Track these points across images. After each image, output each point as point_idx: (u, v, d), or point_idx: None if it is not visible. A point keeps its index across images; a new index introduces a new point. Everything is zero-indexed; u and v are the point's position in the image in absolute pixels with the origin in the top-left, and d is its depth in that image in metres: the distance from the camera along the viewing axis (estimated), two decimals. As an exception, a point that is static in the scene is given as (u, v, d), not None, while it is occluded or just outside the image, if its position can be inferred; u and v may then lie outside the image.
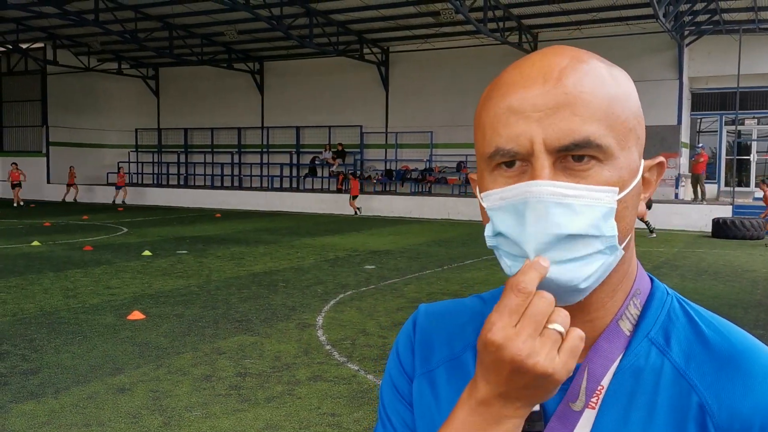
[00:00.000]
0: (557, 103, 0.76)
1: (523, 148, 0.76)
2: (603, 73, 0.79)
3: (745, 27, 22.37)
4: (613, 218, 0.76)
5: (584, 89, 0.76)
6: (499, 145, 0.78)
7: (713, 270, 12.64)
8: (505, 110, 0.78)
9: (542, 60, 0.79)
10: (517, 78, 0.79)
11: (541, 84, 0.77)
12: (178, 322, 7.99)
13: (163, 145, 35.88)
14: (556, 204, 0.74)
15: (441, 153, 28.52)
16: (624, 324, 0.84)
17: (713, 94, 25.69)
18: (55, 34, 30.24)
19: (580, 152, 0.75)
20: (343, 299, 9.48)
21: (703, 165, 22.45)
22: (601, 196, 0.76)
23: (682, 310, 0.86)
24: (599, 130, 0.76)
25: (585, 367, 0.82)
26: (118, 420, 4.97)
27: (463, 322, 0.96)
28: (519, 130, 0.77)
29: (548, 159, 0.75)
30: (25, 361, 6.42)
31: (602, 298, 0.83)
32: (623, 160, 0.78)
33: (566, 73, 0.77)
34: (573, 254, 0.75)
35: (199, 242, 16.13)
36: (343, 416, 5.11)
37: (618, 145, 0.77)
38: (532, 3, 22.49)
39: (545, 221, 0.74)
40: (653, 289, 0.88)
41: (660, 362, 0.82)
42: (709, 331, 0.83)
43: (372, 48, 28.77)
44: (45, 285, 10.33)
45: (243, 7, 21.39)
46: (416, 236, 18.32)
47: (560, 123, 0.75)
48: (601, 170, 0.76)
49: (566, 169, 0.76)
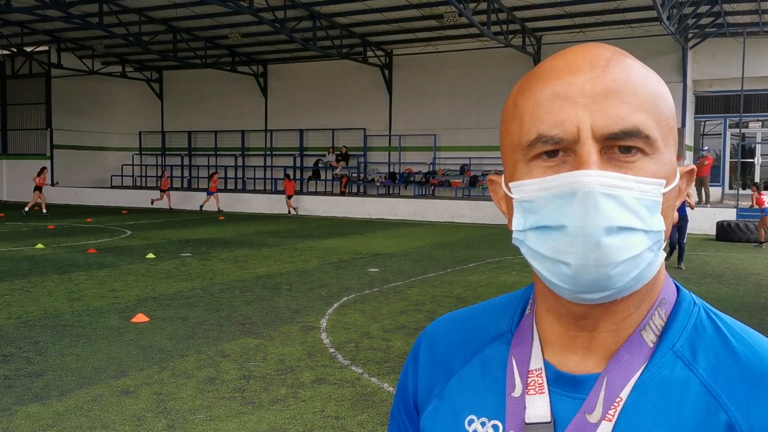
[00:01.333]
0: (606, 89, 0.73)
1: (569, 135, 0.72)
2: (643, 69, 0.77)
3: (749, 30, 22.34)
4: (659, 212, 0.74)
5: (632, 78, 0.74)
6: (542, 132, 0.74)
7: (717, 273, 12.61)
8: (549, 96, 0.75)
9: (586, 50, 0.77)
10: (562, 65, 0.76)
11: (589, 70, 0.74)
12: (181, 325, 8.00)
13: (167, 147, 35.93)
14: (605, 195, 0.70)
15: (444, 156, 28.52)
16: (647, 335, 0.80)
17: (717, 96, 25.66)
18: (59, 37, 30.33)
19: (627, 142, 0.72)
20: (347, 302, 9.48)
21: (708, 168, 22.41)
22: (648, 189, 0.73)
23: (710, 321, 0.81)
24: (647, 120, 0.73)
25: (604, 377, 0.79)
26: (123, 422, 4.98)
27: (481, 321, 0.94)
28: (565, 116, 0.73)
29: (595, 147, 0.72)
30: (30, 364, 6.42)
31: (629, 306, 0.79)
32: (666, 156, 0.76)
33: (612, 62, 0.75)
34: (632, 251, 0.72)
35: (203, 245, 16.15)
36: (347, 419, 5.10)
37: (662, 140, 0.75)
38: (535, 6, 22.49)
39: (596, 214, 0.70)
40: (679, 298, 0.84)
41: (686, 376, 0.77)
42: (739, 345, 0.78)
43: (375, 51, 28.80)
44: (49, 288, 10.34)
45: (247, 10, 21.42)
46: (420, 239, 18.31)
47: (609, 109, 0.72)
48: (647, 163, 0.73)
49: (612, 160, 0.73)
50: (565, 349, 0.83)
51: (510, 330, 0.90)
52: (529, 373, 0.84)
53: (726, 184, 25.99)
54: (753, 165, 26.32)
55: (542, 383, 0.82)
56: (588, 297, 0.75)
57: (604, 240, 0.71)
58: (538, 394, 0.82)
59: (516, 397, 0.83)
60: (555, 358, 0.83)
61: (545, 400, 0.81)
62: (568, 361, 0.82)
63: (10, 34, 29.56)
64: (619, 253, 0.71)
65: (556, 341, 0.84)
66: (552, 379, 0.83)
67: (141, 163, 36.33)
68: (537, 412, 0.81)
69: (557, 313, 0.82)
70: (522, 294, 0.93)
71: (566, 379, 0.82)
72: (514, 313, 0.92)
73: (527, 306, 0.91)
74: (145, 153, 36.61)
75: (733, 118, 25.22)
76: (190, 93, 35.01)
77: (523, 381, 0.84)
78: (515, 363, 0.86)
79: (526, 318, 0.89)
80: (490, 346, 0.90)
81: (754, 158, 26.25)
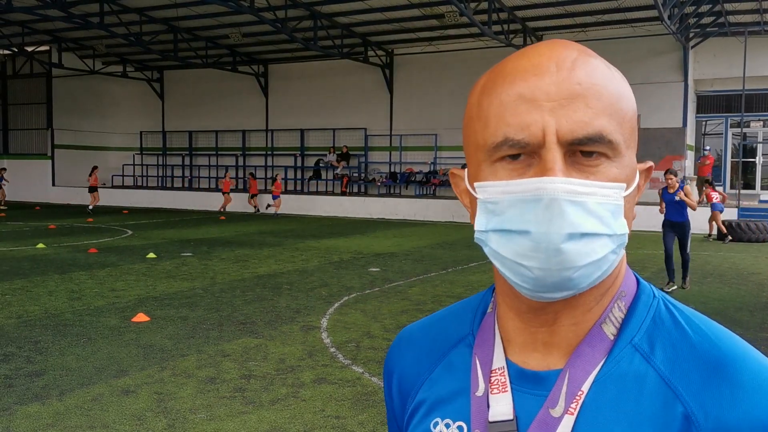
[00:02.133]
0: (571, 93, 0.72)
1: (534, 138, 0.72)
2: (607, 70, 0.77)
3: (750, 29, 22.32)
4: (622, 216, 0.74)
5: (597, 81, 0.74)
6: (508, 135, 0.73)
7: (719, 273, 12.60)
8: (514, 98, 0.74)
9: (552, 50, 0.76)
10: (527, 65, 0.75)
11: (555, 72, 0.73)
12: (182, 325, 8.00)
13: (168, 147, 35.94)
14: (570, 202, 0.71)
15: (445, 155, 28.51)
16: (607, 327, 0.80)
17: (718, 96, 25.64)
18: (60, 37, 30.35)
19: (591, 147, 0.72)
20: (348, 302, 9.48)
21: (709, 168, 22.40)
22: (610, 193, 0.73)
23: (668, 313, 0.82)
24: (610, 125, 0.73)
25: (566, 372, 0.79)
26: (123, 422, 4.98)
27: (444, 326, 0.95)
28: (530, 120, 0.73)
29: (560, 152, 0.72)
30: (30, 363, 6.42)
31: (590, 300, 0.80)
32: (628, 158, 0.76)
33: (578, 64, 0.74)
34: (595, 256, 0.73)
35: (204, 244, 16.15)
36: (347, 419, 5.10)
37: (624, 143, 0.75)
38: (536, 5, 22.47)
39: (561, 220, 0.71)
40: (639, 291, 0.84)
41: (644, 369, 0.78)
42: (696, 336, 0.79)
43: (376, 50, 28.79)
44: (50, 287, 10.35)
45: (247, 10, 21.42)
46: (420, 239, 18.31)
47: (574, 114, 0.72)
48: (610, 167, 0.74)
49: (575, 164, 0.73)
50: (526, 347, 0.83)
51: (471, 332, 0.91)
52: (492, 373, 0.84)
53: (727, 183, 25.97)
54: (754, 164, 26.30)
55: (505, 382, 0.83)
56: (549, 296, 0.76)
57: (567, 246, 0.71)
58: (501, 393, 0.83)
59: (479, 396, 0.84)
60: (517, 356, 0.84)
61: (508, 399, 0.82)
62: (530, 359, 0.83)
63: (11, 34, 29.58)
64: (582, 258, 0.72)
65: (518, 339, 0.84)
66: (514, 377, 0.83)
67: (142, 163, 36.33)
68: (500, 410, 0.82)
69: (518, 310, 0.83)
70: (483, 296, 0.94)
71: (528, 376, 0.82)
72: (475, 315, 0.92)
73: (488, 306, 0.91)
74: (146, 153, 36.62)
75: (735, 117, 25.20)
76: (191, 93, 35.02)
77: (486, 380, 0.84)
78: (479, 363, 0.86)
79: (487, 318, 0.89)
80: (453, 350, 0.91)
81: (755, 158, 26.24)
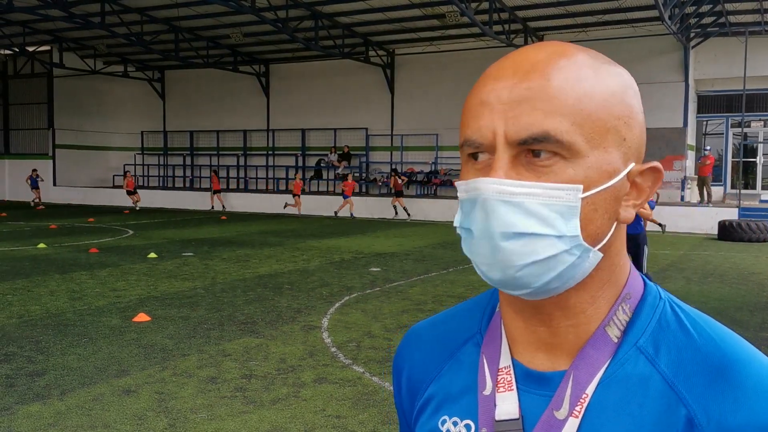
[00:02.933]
0: (520, 96, 0.75)
1: (486, 140, 0.76)
2: (583, 69, 0.76)
3: (751, 29, 22.31)
4: (576, 218, 0.74)
5: (551, 84, 0.75)
6: (467, 136, 0.78)
7: (719, 272, 12.60)
8: (476, 102, 0.78)
9: (519, 54, 0.78)
10: (493, 71, 0.79)
11: (510, 77, 0.76)
12: (183, 324, 8.00)
13: (169, 147, 35.96)
14: (502, 202, 0.74)
15: (447, 155, 28.52)
16: (612, 330, 0.80)
17: (719, 96, 25.63)
18: (61, 37, 30.37)
19: (539, 147, 0.74)
20: (348, 301, 9.48)
21: (710, 167, 22.40)
22: (559, 194, 0.74)
23: (674, 315, 0.82)
24: (562, 125, 0.74)
25: (570, 374, 0.80)
26: (124, 422, 4.98)
27: (453, 324, 0.95)
28: (483, 122, 0.76)
29: (508, 152, 0.75)
30: (31, 363, 6.43)
31: (580, 303, 0.80)
32: (593, 159, 0.75)
33: (537, 67, 0.76)
34: (536, 256, 0.74)
35: (205, 244, 16.15)
36: (348, 418, 5.10)
37: (588, 143, 0.75)
38: (537, 5, 22.48)
39: (494, 220, 0.74)
40: (645, 293, 0.84)
41: (648, 372, 0.78)
42: (700, 338, 0.79)
43: (377, 50, 28.79)
44: (51, 287, 10.35)
45: (249, 9, 21.43)
46: (421, 238, 18.31)
47: (521, 116, 0.74)
48: (565, 168, 0.74)
49: (528, 163, 0.75)
50: (530, 346, 0.84)
51: (480, 331, 0.91)
52: (498, 371, 0.85)
53: (728, 183, 25.96)
54: (755, 164, 26.29)
55: (511, 380, 0.84)
56: (513, 293, 0.79)
57: (502, 244, 0.74)
58: (507, 392, 0.83)
59: (487, 395, 0.84)
60: (522, 356, 0.85)
61: (514, 397, 0.82)
62: (535, 359, 0.84)
63: (12, 34, 29.60)
64: (520, 258, 0.74)
65: (521, 338, 0.85)
66: (520, 376, 0.84)
67: (143, 163, 36.34)
68: (506, 410, 0.82)
69: (516, 307, 0.84)
70: (491, 294, 0.94)
71: (534, 376, 0.83)
72: (483, 314, 0.93)
73: (497, 305, 0.92)
74: (147, 153, 36.64)
75: (735, 117, 25.19)
76: (192, 93, 35.04)
77: (493, 379, 0.85)
78: (486, 362, 0.87)
79: (495, 316, 0.90)
80: (462, 349, 0.92)
81: (756, 158, 26.23)
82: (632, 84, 0.81)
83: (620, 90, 0.78)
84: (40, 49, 32.46)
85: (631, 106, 0.79)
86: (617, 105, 0.77)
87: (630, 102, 0.79)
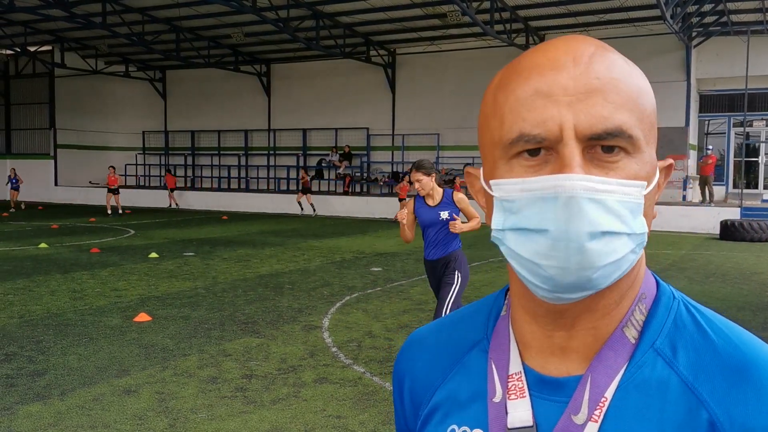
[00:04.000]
0: (589, 87, 0.71)
1: (551, 134, 0.71)
2: (626, 65, 0.76)
3: (753, 28, 22.27)
4: (642, 215, 0.73)
5: (615, 76, 0.72)
6: (524, 131, 0.72)
7: (721, 272, 12.58)
8: (531, 93, 0.73)
9: (569, 44, 0.74)
10: (543, 60, 0.74)
11: (572, 67, 0.72)
12: (184, 324, 8.00)
13: (170, 147, 35.97)
14: (589, 200, 0.69)
15: (448, 155, 28.49)
16: (629, 331, 0.78)
17: (721, 95, 25.60)
18: (62, 37, 30.38)
19: (611, 142, 0.71)
20: (349, 301, 9.47)
21: (712, 167, 22.37)
22: (631, 191, 0.71)
23: (689, 315, 0.80)
24: (630, 119, 0.72)
25: (588, 377, 0.77)
26: (124, 422, 4.97)
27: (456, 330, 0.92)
28: (547, 115, 0.71)
29: (578, 148, 0.70)
30: (32, 363, 6.43)
31: (609, 304, 0.78)
32: (648, 155, 0.74)
33: (596, 58, 0.73)
34: (616, 255, 0.71)
35: (206, 244, 16.15)
36: (348, 418, 5.09)
37: (645, 139, 0.74)
38: (538, 5, 22.46)
39: (580, 219, 0.69)
40: (659, 293, 0.82)
41: (667, 375, 0.76)
42: (719, 339, 0.77)
43: (378, 50, 28.79)
44: (52, 287, 10.35)
45: (250, 9, 21.43)
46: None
47: (593, 109, 0.70)
48: (630, 163, 0.72)
49: (594, 159, 0.71)
50: (543, 351, 0.81)
51: (486, 336, 0.88)
52: (509, 378, 0.82)
53: (730, 183, 25.93)
54: (757, 164, 26.26)
55: (523, 387, 0.81)
56: (566, 297, 0.74)
57: (588, 245, 0.70)
58: (519, 399, 0.80)
59: (497, 402, 0.82)
60: (534, 361, 0.82)
61: (527, 404, 0.80)
62: (548, 364, 0.81)
63: (14, 34, 29.62)
64: (602, 258, 0.70)
65: (534, 343, 0.82)
66: (533, 382, 0.81)
67: (144, 163, 36.36)
68: (519, 417, 0.79)
69: (534, 313, 0.81)
70: (495, 298, 0.91)
71: (547, 382, 0.80)
72: (488, 319, 0.90)
73: (501, 309, 0.89)
74: (148, 152, 36.66)
75: (737, 116, 25.15)
76: (194, 92, 35.04)
77: (503, 386, 0.82)
78: (495, 368, 0.84)
79: (501, 321, 0.87)
80: (467, 355, 0.89)
81: (758, 157, 26.20)
82: None
83: (649, 89, 0.78)
84: (41, 49, 32.48)
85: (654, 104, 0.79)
86: (653, 103, 0.77)
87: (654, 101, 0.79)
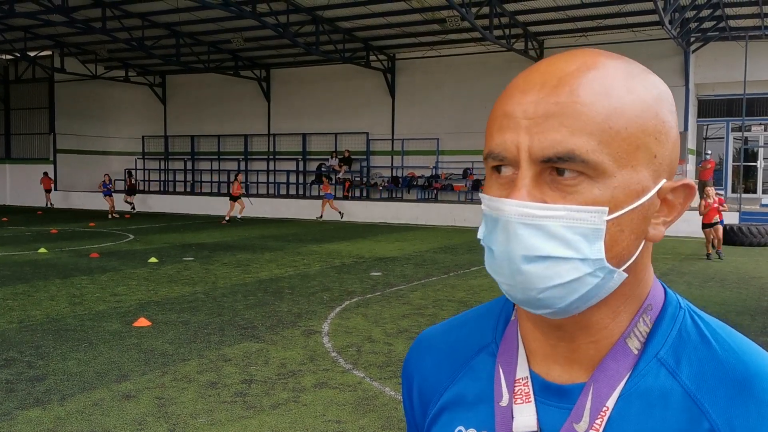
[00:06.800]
0: (547, 112, 0.72)
1: (510, 154, 0.73)
2: (615, 81, 0.73)
3: (751, 33, 22.33)
4: (601, 240, 0.72)
5: (579, 99, 0.71)
6: (491, 149, 0.76)
7: (720, 277, 12.58)
8: (501, 114, 0.76)
9: (548, 65, 0.75)
10: (520, 83, 0.76)
11: (537, 91, 0.73)
12: (183, 329, 8.00)
13: (170, 152, 35.98)
14: (524, 225, 0.71)
15: (447, 160, 28.53)
16: (632, 342, 0.79)
17: (720, 100, 25.64)
18: (62, 42, 30.41)
19: (563, 165, 0.71)
20: (349, 306, 9.48)
21: (710, 172, 22.40)
22: (584, 216, 0.71)
23: (694, 326, 0.80)
24: (588, 144, 0.70)
25: (590, 386, 0.78)
26: (124, 427, 4.98)
27: (465, 332, 0.93)
28: (508, 136, 0.74)
29: (532, 169, 0.72)
30: (31, 368, 6.43)
31: (602, 319, 0.79)
32: (620, 179, 0.72)
33: (566, 80, 0.72)
34: (559, 279, 0.72)
35: (206, 249, 16.15)
36: (348, 423, 5.10)
37: (615, 162, 0.71)
38: (538, 10, 22.51)
39: (516, 243, 0.72)
40: (666, 303, 0.82)
41: (669, 384, 0.76)
42: (722, 350, 0.77)
43: (378, 55, 28.83)
44: (51, 292, 10.35)
45: (250, 14, 21.47)
46: (422, 243, 18.30)
47: (546, 133, 0.71)
48: (591, 187, 0.71)
49: (553, 182, 0.72)
50: (548, 359, 0.83)
51: (494, 340, 0.89)
52: (515, 382, 0.83)
53: (728, 188, 25.95)
54: (756, 169, 26.28)
55: (528, 392, 0.82)
56: (535, 312, 0.76)
57: (524, 267, 0.72)
58: (525, 403, 0.82)
59: (504, 406, 0.83)
60: (540, 367, 0.83)
61: (531, 409, 0.81)
62: (552, 371, 0.82)
63: (14, 39, 29.64)
64: (543, 281, 0.72)
65: (539, 350, 0.83)
66: (538, 388, 0.82)
67: (144, 168, 36.37)
68: (524, 421, 0.81)
69: (535, 321, 0.82)
70: (504, 301, 0.92)
71: (552, 388, 0.81)
72: (497, 323, 0.91)
73: (511, 314, 0.90)
74: (148, 157, 36.66)
75: (736, 121, 25.19)
76: (193, 97, 35.07)
77: (510, 390, 0.83)
78: (502, 372, 0.85)
79: (510, 326, 0.88)
80: (476, 358, 0.90)
81: (756, 162, 26.23)
82: (668, 96, 0.77)
83: (654, 103, 0.74)
84: (41, 54, 32.49)
85: (664, 120, 0.75)
86: (650, 120, 0.74)
87: (664, 116, 0.75)
